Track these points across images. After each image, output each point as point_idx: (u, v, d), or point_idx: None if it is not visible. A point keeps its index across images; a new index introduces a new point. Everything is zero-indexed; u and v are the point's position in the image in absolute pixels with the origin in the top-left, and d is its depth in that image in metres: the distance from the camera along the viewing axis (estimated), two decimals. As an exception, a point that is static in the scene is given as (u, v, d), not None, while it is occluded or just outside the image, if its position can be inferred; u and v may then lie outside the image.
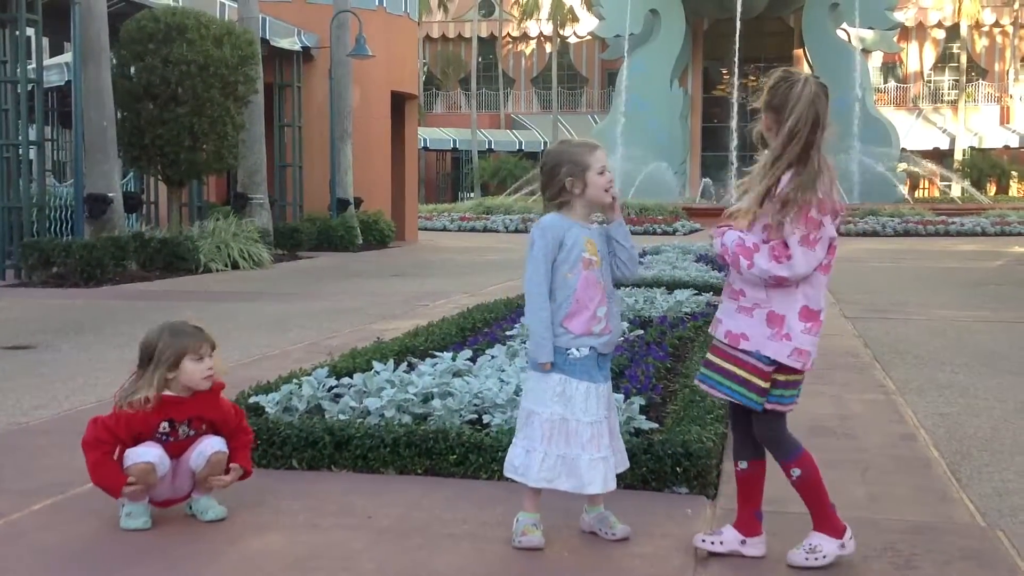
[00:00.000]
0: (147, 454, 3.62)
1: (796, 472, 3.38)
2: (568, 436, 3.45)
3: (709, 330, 3.54)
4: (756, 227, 3.32)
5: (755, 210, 3.31)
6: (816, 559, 3.34)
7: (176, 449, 3.70)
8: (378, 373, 5.20)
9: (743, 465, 3.47)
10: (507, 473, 3.57)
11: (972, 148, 53.12)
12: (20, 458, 4.73)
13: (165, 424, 3.68)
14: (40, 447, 4.94)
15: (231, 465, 3.77)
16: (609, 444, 3.51)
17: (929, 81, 57.83)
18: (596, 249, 3.51)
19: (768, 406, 3.35)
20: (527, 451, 3.48)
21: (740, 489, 3.50)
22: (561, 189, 3.50)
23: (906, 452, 4.91)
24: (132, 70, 16.20)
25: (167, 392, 3.68)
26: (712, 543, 3.45)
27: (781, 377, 3.34)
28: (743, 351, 3.33)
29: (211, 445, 3.72)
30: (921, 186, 52.26)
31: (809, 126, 3.26)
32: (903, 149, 46.75)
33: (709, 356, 3.47)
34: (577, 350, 3.47)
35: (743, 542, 3.44)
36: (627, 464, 3.69)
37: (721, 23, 49.06)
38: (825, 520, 3.39)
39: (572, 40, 59.79)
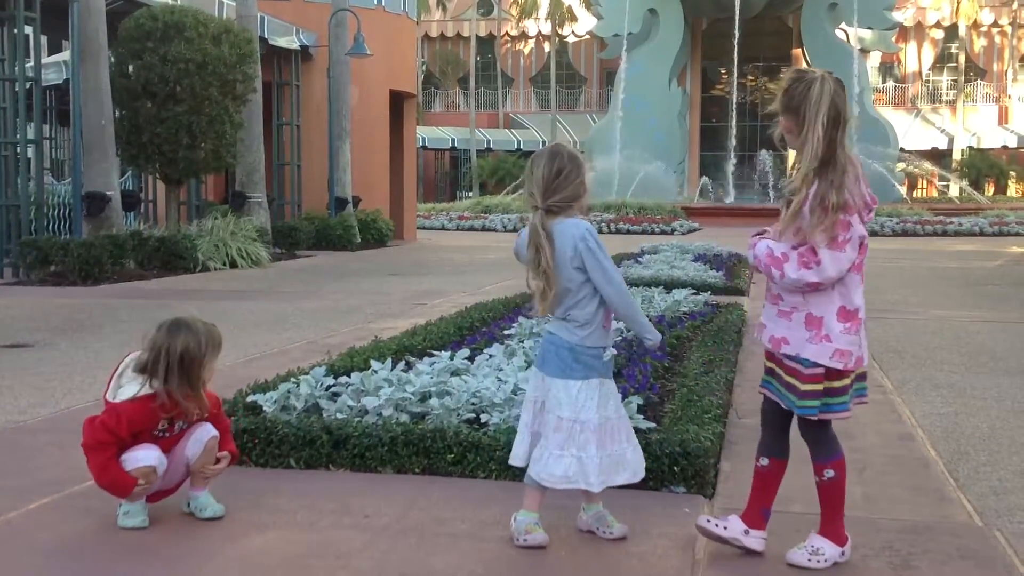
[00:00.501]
0: (147, 457, 3.61)
1: (829, 474, 3.39)
2: (613, 435, 3.53)
3: (755, 335, 3.55)
4: (787, 234, 3.33)
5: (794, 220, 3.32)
6: (818, 561, 3.34)
7: (169, 444, 3.70)
8: (376, 372, 5.20)
9: (764, 462, 3.47)
10: (555, 485, 3.49)
11: (970, 148, 53.17)
12: (17, 457, 4.73)
13: (164, 422, 3.69)
14: (37, 446, 4.94)
15: (220, 454, 3.79)
16: (623, 440, 3.62)
17: (927, 81, 57.86)
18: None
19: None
20: (578, 459, 3.47)
21: (756, 484, 3.50)
22: (580, 192, 3.55)
23: (904, 452, 4.91)
24: (130, 68, 16.19)
25: None
26: (716, 525, 3.45)
27: (832, 384, 3.34)
28: (784, 355, 3.34)
29: (206, 431, 3.75)
30: (919, 186, 52.29)
31: (832, 124, 3.26)
32: (901, 149, 46.77)
33: (764, 361, 3.49)
34: (606, 351, 3.60)
35: (746, 532, 3.44)
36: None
37: (720, 23, 49.08)
38: (833, 526, 3.39)
39: (571, 39, 59.80)
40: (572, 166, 3.55)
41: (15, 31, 14.59)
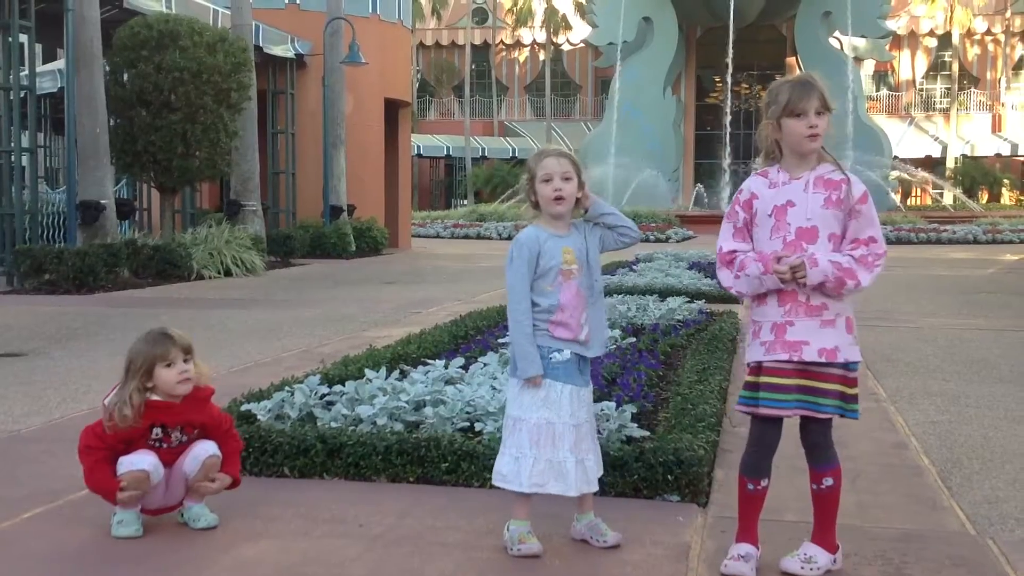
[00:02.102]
0: (141, 462, 3.62)
1: (828, 482, 3.39)
2: (555, 440, 3.46)
3: (786, 356, 3.31)
4: (821, 240, 3.34)
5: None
6: (811, 569, 3.34)
7: (170, 456, 3.69)
8: (370, 381, 5.20)
9: (764, 483, 3.41)
10: (496, 482, 3.58)
11: (964, 156, 53.30)
12: (11, 466, 4.72)
13: (158, 430, 3.68)
14: (31, 454, 4.93)
15: (217, 474, 3.77)
16: (589, 447, 3.55)
17: (921, 89, 58.03)
18: (575, 257, 3.53)
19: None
20: (515, 458, 3.49)
21: (756, 507, 3.42)
22: (527, 196, 3.60)
23: (897, 460, 4.92)
24: (125, 77, 16.21)
25: (154, 397, 3.68)
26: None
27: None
28: (840, 365, 3.34)
29: (205, 449, 3.73)
30: (913, 194, 52.39)
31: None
32: (895, 157, 46.89)
33: (781, 379, 3.33)
34: (559, 353, 3.49)
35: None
36: (601, 470, 3.67)
37: (714, 31, 49.21)
38: (826, 535, 3.40)
39: (565, 48, 59.91)
40: (525, 169, 3.59)
41: (10, 40, 14.60)
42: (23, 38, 15.04)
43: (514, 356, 3.54)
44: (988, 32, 57.22)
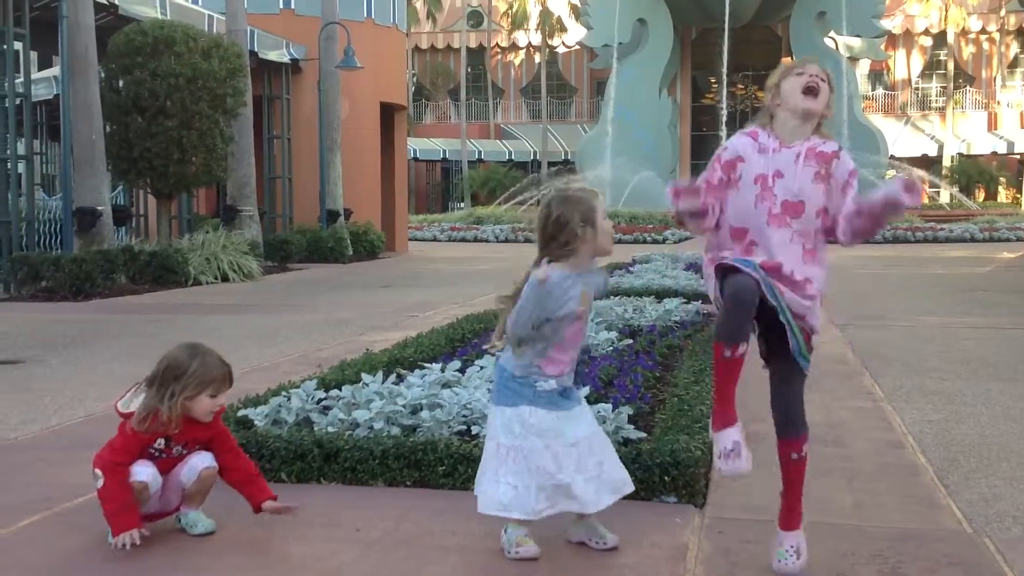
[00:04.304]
0: (141, 473, 3.59)
1: (805, 449, 3.33)
2: (556, 463, 3.44)
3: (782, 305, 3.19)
4: (807, 214, 3.29)
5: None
6: (804, 559, 3.33)
7: (166, 465, 3.69)
8: (367, 385, 5.20)
9: (743, 349, 3.18)
10: (491, 511, 3.49)
11: (960, 154, 53.36)
12: (7, 474, 4.71)
13: (161, 441, 3.65)
14: (27, 462, 4.92)
15: (272, 504, 3.72)
16: (600, 459, 3.52)
17: (917, 88, 58.09)
18: (588, 300, 3.54)
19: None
20: (514, 487, 3.44)
21: (734, 376, 3.21)
22: (572, 238, 3.42)
23: (893, 459, 4.92)
24: (120, 83, 16.22)
25: None
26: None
27: None
28: (810, 326, 3.27)
29: (202, 460, 3.71)
30: (910, 193, 52.33)
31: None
32: (891, 156, 46.94)
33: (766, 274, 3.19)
34: (545, 382, 3.49)
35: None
36: (624, 472, 3.64)
37: (709, 32, 49.27)
38: (798, 511, 3.36)
39: (561, 50, 59.95)
40: (561, 211, 3.43)
41: (5, 47, 14.60)
42: (18, 45, 15.04)
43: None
44: (983, 31, 57.29)
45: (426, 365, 5.94)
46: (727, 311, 3.18)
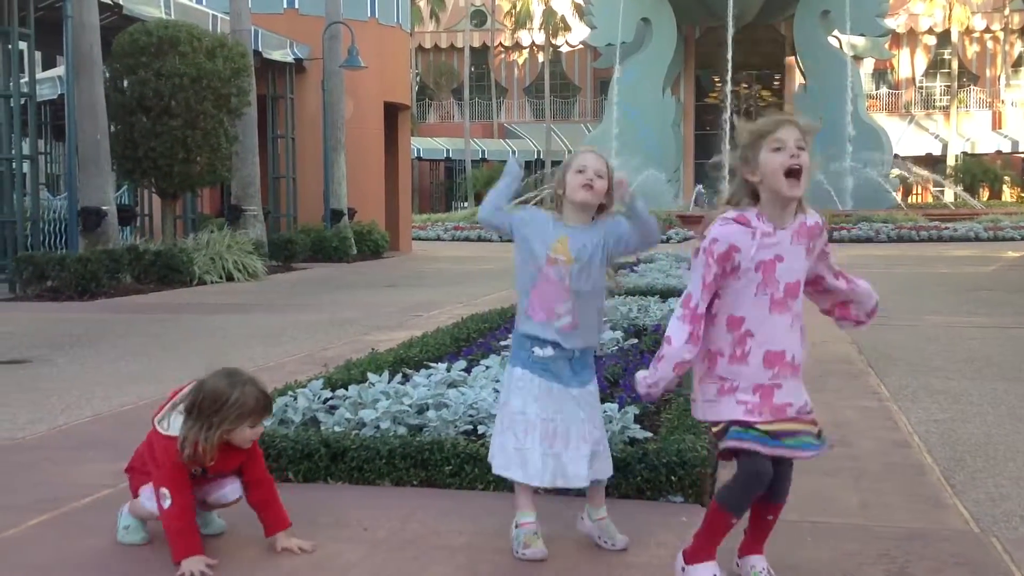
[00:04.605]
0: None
1: (781, 511, 3.27)
2: (524, 428, 3.50)
3: (772, 418, 3.08)
4: (801, 292, 3.20)
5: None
6: None
7: (198, 483, 3.59)
8: (373, 384, 5.21)
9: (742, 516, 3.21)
10: (494, 469, 3.65)
11: (964, 153, 53.33)
12: (15, 473, 4.72)
13: (198, 469, 3.54)
14: (35, 462, 4.93)
15: (284, 543, 3.62)
16: (575, 445, 3.50)
17: (921, 87, 58.03)
18: (567, 247, 3.53)
19: None
20: (493, 439, 3.64)
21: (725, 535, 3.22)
22: (554, 190, 3.66)
23: (899, 459, 4.92)
24: (125, 83, 16.24)
25: None
26: None
27: None
28: (808, 413, 3.20)
29: (233, 492, 3.65)
30: (914, 192, 52.40)
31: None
32: (896, 155, 46.90)
33: (780, 425, 3.10)
34: (541, 348, 3.52)
35: None
36: (609, 471, 3.65)
37: (713, 31, 49.22)
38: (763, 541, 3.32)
39: (564, 49, 59.95)
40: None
41: (9, 47, 14.63)
42: (23, 45, 15.07)
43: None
44: (987, 30, 57.24)
45: (432, 365, 5.94)
46: (746, 486, 3.09)
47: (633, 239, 3.57)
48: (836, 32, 47.31)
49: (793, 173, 2.97)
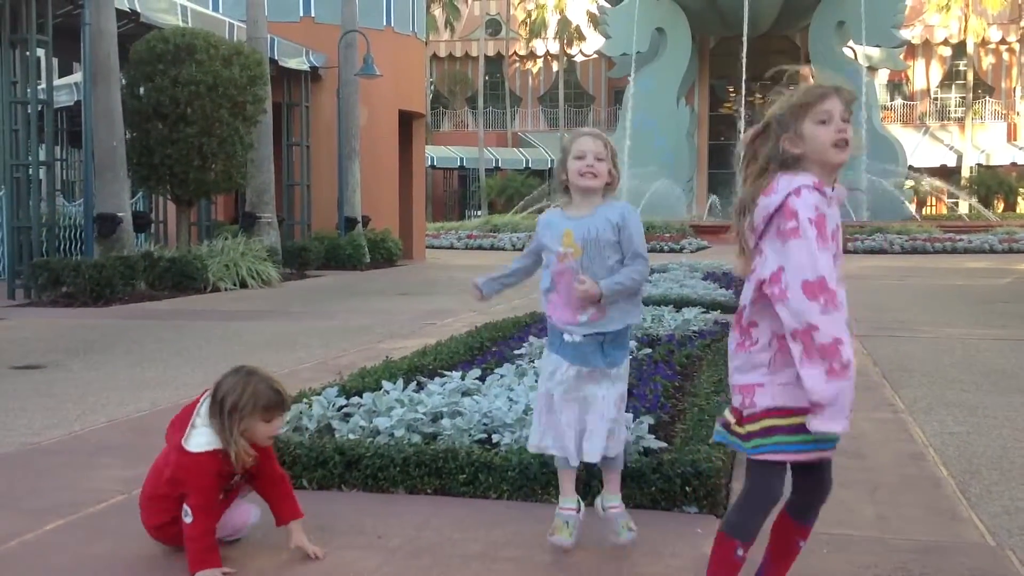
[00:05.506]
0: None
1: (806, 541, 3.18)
2: (555, 410, 3.61)
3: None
4: None
5: None
6: None
7: (225, 503, 3.62)
8: (387, 392, 5.22)
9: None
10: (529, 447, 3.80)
11: (979, 165, 53.12)
12: (32, 478, 4.75)
13: (237, 477, 3.55)
14: (52, 467, 4.96)
15: (299, 534, 3.64)
16: (596, 425, 3.59)
17: (936, 98, 57.87)
18: (573, 240, 3.58)
19: None
20: (539, 425, 3.70)
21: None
22: (559, 177, 3.70)
23: (915, 471, 4.90)
24: (142, 90, 16.32)
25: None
26: None
27: None
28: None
29: (253, 515, 3.70)
30: (928, 203, 52.23)
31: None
32: (910, 167, 46.75)
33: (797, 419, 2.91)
34: (571, 335, 3.61)
35: None
36: (619, 449, 3.70)
37: (727, 41, 49.19)
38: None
39: (579, 59, 60.00)
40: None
41: (27, 54, 14.72)
42: (40, 52, 15.15)
43: None
44: (1003, 41, 57.06)
45: (446, 373, 5.95)
46: (759, 508, 2.92)
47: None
48: (851, 43, 47.22)
49: (841, 144, 2.87)
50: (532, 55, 61.42)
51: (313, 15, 23.10)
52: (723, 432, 3.02)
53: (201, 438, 3.46)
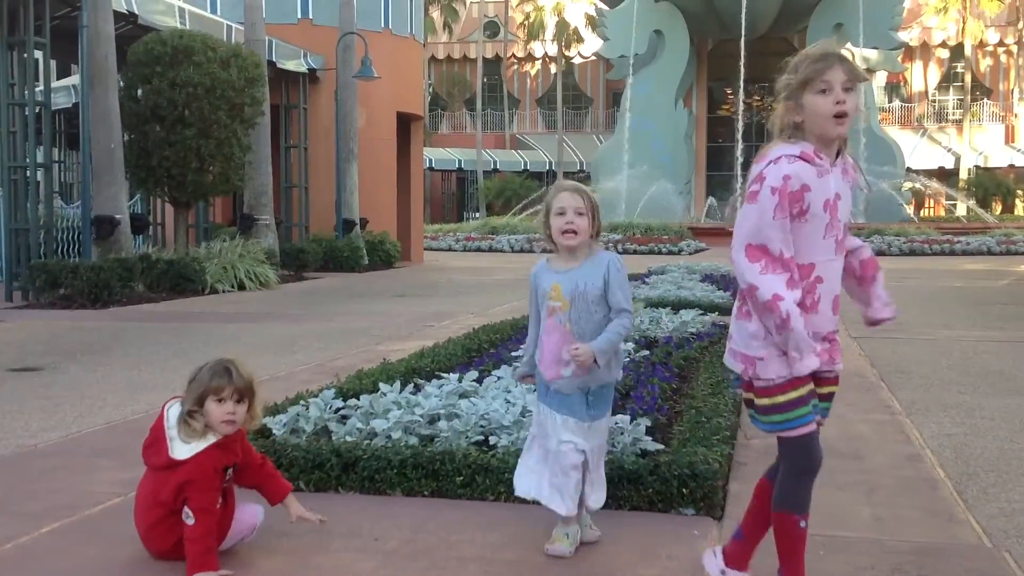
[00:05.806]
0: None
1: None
2: (545, 458, 3.61)
3: (838, 364, 3.10)
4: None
5: None
6: None
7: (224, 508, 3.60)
8: (385, 394, 5.22)
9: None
10: (516, 491, 3.77)
11: (977, 167, 53.16)
12: (29, 481, 4.74)
13: (230, 470, 3.56)
14: (48, 469, 4.95)
15: (296, 505, 3.71)
16: (592, 476, 3.66)
17: (934, 100, 57.94)
18: (560, 293, 3.59)
19: None
20: (527, 468, 3.70)
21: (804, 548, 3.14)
22: (544, 231, 3.69)
23: (912, 473, 4.90)
24: (139, 92, 16.31)
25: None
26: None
27: None
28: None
29: (257, 516, 3.70)
30: (926, 205, 52.26)
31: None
32: (908, 168, 46.80)
33: (816, 388, 3.04)
34: (558, 382, 3.62)
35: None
36: (602, 501, 3.73)
37: (725, 43, 49.25)
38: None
39: (577, 61, 60.05)
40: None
41: (25, 56, 14.71)
42: (38, 54, 15.15)
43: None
44: (1000, 43, 57.13)
45: (443, 375, 5.94)
46: (805, 477, 3.00)
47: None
48: (849, 45, 47.26)
49: (842, 116, 2.90)
50: (530, 57, 61.47)
51: (311, 17, 23.10)
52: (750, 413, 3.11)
53: (180, 445, 3.48)
